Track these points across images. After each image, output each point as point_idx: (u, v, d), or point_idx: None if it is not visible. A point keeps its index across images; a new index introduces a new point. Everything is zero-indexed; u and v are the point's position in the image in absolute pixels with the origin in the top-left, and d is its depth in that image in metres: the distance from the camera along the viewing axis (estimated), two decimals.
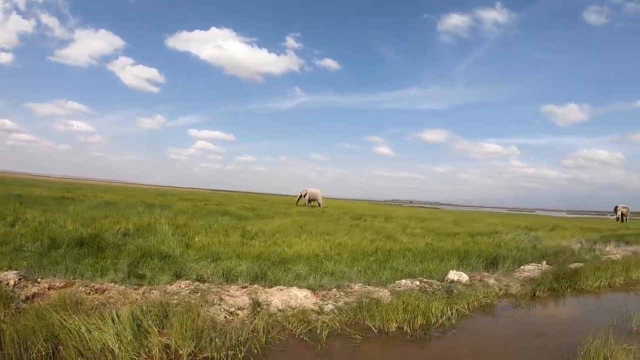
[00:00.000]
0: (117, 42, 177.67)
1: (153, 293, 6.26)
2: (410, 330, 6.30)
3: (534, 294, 9.11)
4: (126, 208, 19.10)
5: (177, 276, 7.47)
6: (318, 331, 5.81)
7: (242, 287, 7.00)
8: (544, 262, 12.48)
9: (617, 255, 16.01)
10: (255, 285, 7.16)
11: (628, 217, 47.62)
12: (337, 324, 6.14)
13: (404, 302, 6.69)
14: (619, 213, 46.74)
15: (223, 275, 7.68)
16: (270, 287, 7.18)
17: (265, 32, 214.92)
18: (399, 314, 6.48)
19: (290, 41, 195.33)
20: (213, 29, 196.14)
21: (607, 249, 18.14)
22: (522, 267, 11.42)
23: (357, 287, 7.70)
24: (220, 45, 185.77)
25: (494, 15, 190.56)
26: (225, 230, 13.61)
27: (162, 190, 79.16)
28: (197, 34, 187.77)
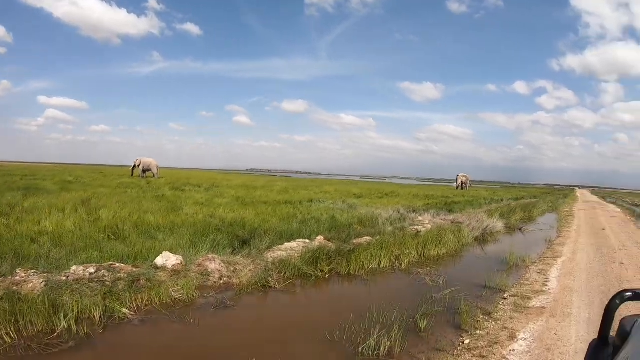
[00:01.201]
0: None
1: None
2: None
3: (266, 284, 7.85)
4: None
5: None
6: None
7: None
8: (320, 237, 10.98)
9: (428, 226, 15.08)
10: None
11: (468, 185, 54.82)
12: None
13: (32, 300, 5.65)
14: (459, 181, 53.28)
15: None
16: None
17: None
18: None
19: (152, 2, 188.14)
20: None
21: (421, 218, 17.21)
22: (285, 244, 10.24)
23: (23, 275, 6.80)
24: (76, 2, 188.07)
25: None
26: None
27: None
28: None
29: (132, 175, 42.02)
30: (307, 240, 10.64)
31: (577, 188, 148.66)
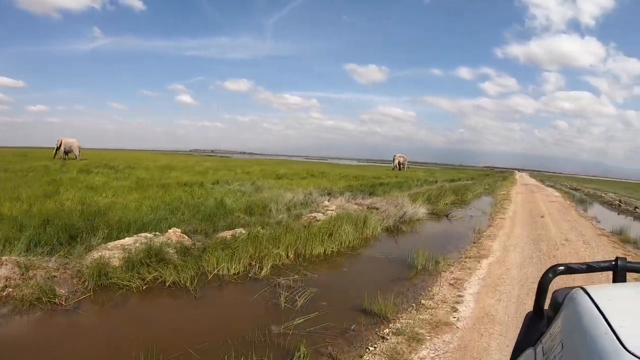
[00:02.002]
0: None
1: None
2: None
3: (51, 299, 5.64)
4: None
5: None
6: None
7: None
8: (173, 230, 8.57)
9: (332, 213, 12.54)
10: None
11: (405, 166, 53.51)
12: None
13: None
14: (396, 162, 51.90)
15: None
16: None
17: None
18: None
19: None
20: None
21: (328, 203, 14.38)
22: (119, 241, 7.99)
23: None
24: None
25: None
26: None
27: None
28: None
29: (55, 157, 39.10)
30: (150, 235, 8.16)
31: (516, 171, 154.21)
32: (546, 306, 1.06)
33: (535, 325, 1.07)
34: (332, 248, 8.83)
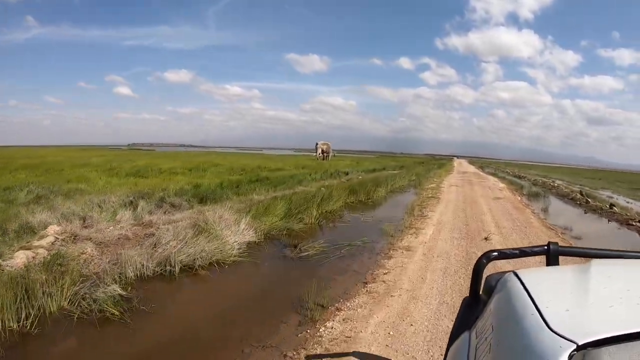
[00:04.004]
0: None
1: None
2: None
3: None
4: None
5: None
6: None
7: None
8: None
9: (19, 259, 5.62)
10: None
11: (330, 154, 48.53)
12: None
13: None
14: (319, 150, 46.87)
15: None
16: None
17: None
18: None
19: None
20: None
21: (55, 229, 7.54)
22: None
23: None
24: None
25: None
26: None
27: None
28: None
29: None
30: None
31: (455, 158, 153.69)
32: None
33: (471, 310, 1.11)
34: None
